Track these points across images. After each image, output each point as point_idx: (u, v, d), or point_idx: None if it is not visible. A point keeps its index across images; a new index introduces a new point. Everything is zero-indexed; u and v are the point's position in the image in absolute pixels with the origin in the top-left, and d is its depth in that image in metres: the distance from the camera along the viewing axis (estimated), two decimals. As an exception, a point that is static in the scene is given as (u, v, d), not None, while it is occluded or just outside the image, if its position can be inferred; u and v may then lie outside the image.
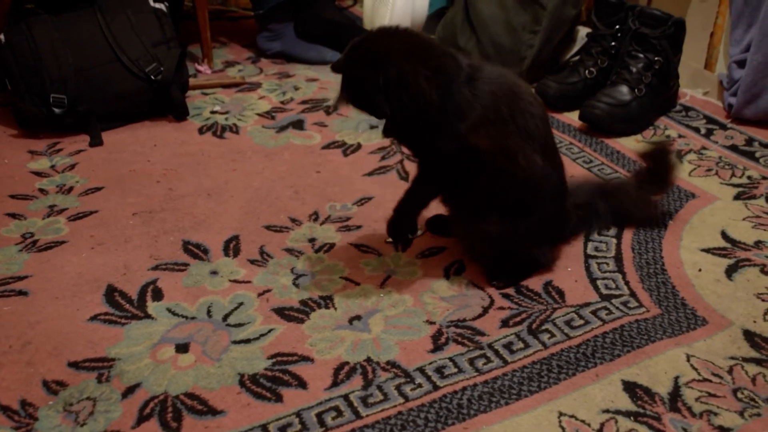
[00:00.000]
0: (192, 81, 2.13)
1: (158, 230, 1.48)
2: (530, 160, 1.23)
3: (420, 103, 1.16)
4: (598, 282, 1.32)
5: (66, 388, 1.09)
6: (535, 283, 1.31)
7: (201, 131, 1.90)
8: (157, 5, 1.97)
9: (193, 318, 1.24)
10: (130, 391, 1.09)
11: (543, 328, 1.21)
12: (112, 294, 1.29)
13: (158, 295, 1.29)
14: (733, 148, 1.77)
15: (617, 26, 1.94)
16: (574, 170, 1.64)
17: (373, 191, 1.62)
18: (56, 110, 1.79)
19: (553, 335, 1.19)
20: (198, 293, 1.30)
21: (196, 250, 1.42)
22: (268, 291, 1.31)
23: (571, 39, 2.18)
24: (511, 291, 1.30)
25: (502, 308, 1.26)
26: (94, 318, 1.24)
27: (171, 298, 1.29)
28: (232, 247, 1.43)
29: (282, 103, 2.06)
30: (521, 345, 1.18)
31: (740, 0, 1.80)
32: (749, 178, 1.64)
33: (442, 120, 1.20)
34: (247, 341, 1.19)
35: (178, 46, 1.96)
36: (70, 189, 1.62)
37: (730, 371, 1.12)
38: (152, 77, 1.88)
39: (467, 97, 1.19)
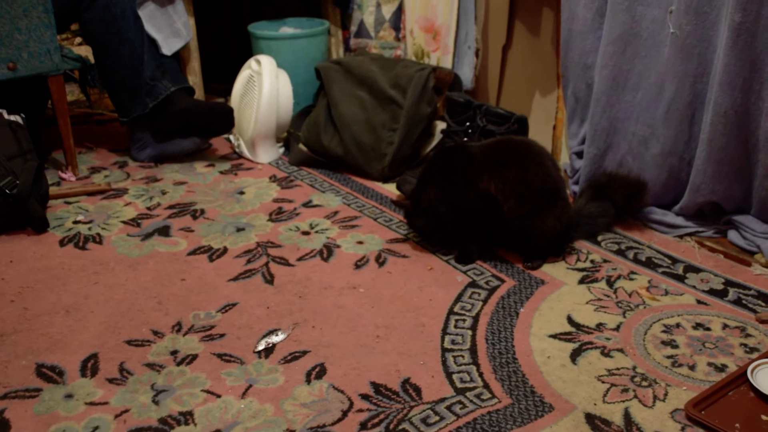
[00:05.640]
0: (54, 190, 2.10)
1: (9, 355, 1.43)
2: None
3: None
4: (454, 376, 1.37)
5: None
6: (393, 381, 1.35)
7: (62, 243, 1.86)
8: (12, 117, 1.95)
9: (43, 449, 1.20)
10: None
11: (400, 428, 1.24)
12: (-47, 431, 1.23)
13: (5, 427, 1.24)
14: (579, 232, 1.90)
15: (467, 123, 2.07)
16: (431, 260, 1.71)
17: (238, 297, 1.63)
18: None
19: (409, 435, 1.23)
20: (50, 420, 1.26)
21: (50, 373, 1.38)
22: (126, 411, 1.28)
23: (430, 134, 2.30)
24: (370, 392, 1.33)
25: (361, 410, 1.28)
26: (-70, 461, 1.17)
27: (19, 429, 1.24)
28: (89, 366, 1.40)
29: (148, 209, 2.05)
30: (379, 448, 1.20)
31: (572, 98, 1.98)
32: (592, 261, 1.77)
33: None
34: (101, 469, 1.16)
35: (35, 158, 1.94)
36: None
37: (573, 456, 1.18)
38: (7, 191, 1.84)
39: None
